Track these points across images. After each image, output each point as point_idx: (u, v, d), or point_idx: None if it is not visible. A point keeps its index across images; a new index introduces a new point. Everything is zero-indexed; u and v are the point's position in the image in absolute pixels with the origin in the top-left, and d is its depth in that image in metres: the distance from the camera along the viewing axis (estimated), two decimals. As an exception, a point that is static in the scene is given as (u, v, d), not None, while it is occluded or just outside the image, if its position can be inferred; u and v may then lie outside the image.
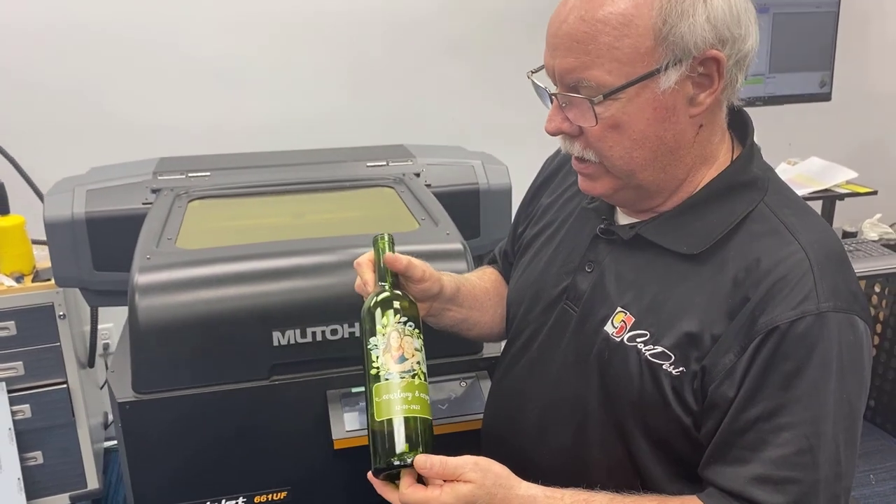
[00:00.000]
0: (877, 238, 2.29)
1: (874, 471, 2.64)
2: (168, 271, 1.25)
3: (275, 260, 1.28)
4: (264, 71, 2.55)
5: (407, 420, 0.85)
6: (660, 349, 0.87)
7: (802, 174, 2.38)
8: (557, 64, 0.86)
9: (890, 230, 2.36)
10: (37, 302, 2.04)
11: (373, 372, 0.89)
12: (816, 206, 2.43)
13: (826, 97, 2.47)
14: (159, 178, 1.75)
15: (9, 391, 2.05)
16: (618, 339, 0.91)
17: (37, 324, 2.04)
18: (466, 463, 0.82)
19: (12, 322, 2.02)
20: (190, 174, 1.76)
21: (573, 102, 0.86)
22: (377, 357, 0.89)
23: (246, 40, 2.51)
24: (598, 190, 0.93)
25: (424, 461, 0.81)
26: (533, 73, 0.95)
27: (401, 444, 0.84)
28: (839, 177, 2.33)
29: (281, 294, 1.24)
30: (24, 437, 2.09)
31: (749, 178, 0.91)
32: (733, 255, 0.86)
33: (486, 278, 1.20)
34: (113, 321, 2.57)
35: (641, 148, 0.86)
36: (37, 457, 2.13)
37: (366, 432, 1.20)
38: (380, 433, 0.86)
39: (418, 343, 0.91)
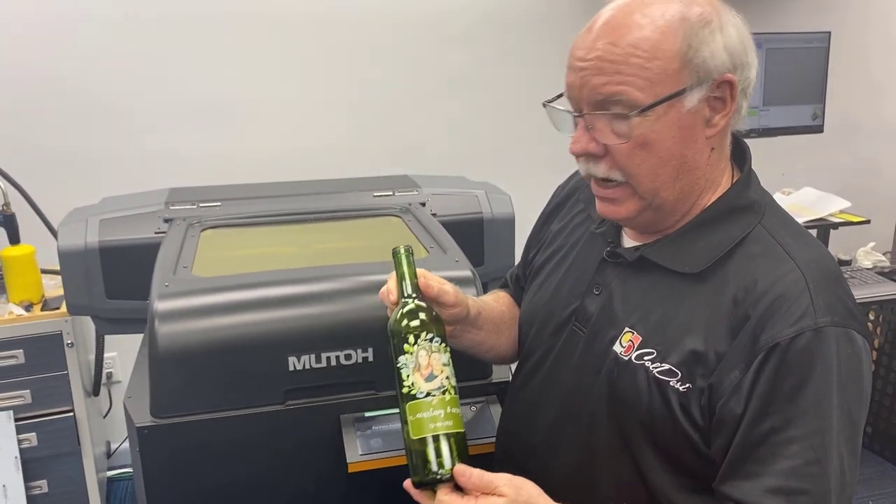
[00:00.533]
0: (871, 266, 2.35)
1: (873, 497, 2.66)
2: (186, 298, 1.28)
3: (289, 287, 1.31)
4: (272, 105, 2.61)
5: (442, 437, 0.90)
6: (667, 366, 0.91)
7: (797, 204, 2.44)
8: (587, 86, 0.90)
9: (883, 258, 2.41)
10: (46, 330, 2.07)
11: (405, 391, 0.93)
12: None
13: (818, 129, 2.55)
14: (171, 207, 1.78)
15: (16, 419, 2.06)
16: (626, 358, 0.95)
17: (45, 352, 2.07)
18: (502, 478, 0.86)
19: (21, 350, 2.05)
20: (201, 204, 1.80)
21: (602, 122, 0.90)
22: (407, 376, 0.93)
23: (254, 75, 2.58)
24: (621, 213, 0.96)
25: (463, 471, 0.86)
26: (548, 103, 0.98)
27: (438, 461, 0.89)
28: (833, 206, 2.39)
29: (296, 320, 1.27)
30: (30, 466, 2.10)
31: (747, 202, 0.96)
32: (732, 274, 0.91)
33: (500, 302, 1.24)
34: (116, 350, 2.59)
35: (666, 166, 0.91)
36: (42, 485, 2.14)
37: (380, 456, 1.24)
38: (417, 451, 0.91)
39: (445, 357, 0.95)
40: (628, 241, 1.03)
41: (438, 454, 0.89)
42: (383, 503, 1.25)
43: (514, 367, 1.24)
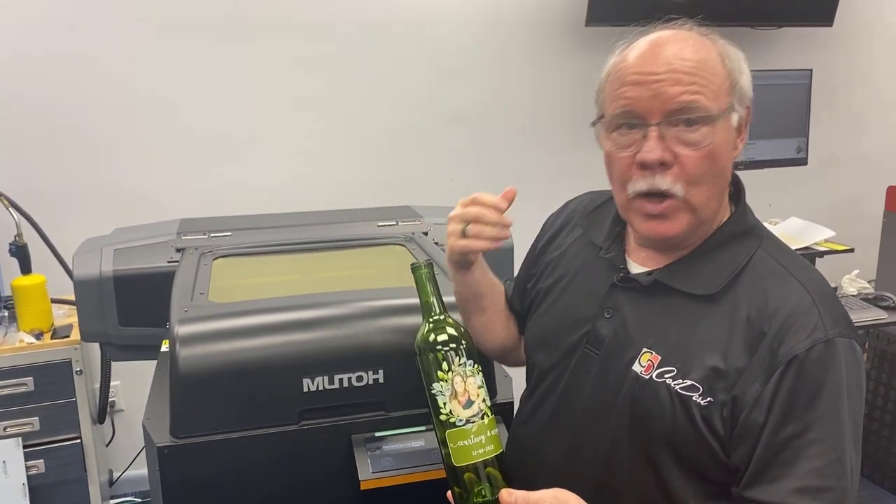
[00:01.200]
0: (856, 293, 2.43)
1: (864, 520, 2.71)
2: (205, 323, 1.33)
3: (304, 312, 1.37)
4: (279, 139, 2.69)
5: (486, 463, 0.95)
6: (689, 382, 0.97)
7: (783, 234, 2.53)
8: (663, 95, 0.96)
9: (868, 285, 2.50)
10: (55, 358, 2.11)
11: (443, 418, 0.97)
12: (798, 263, 2.58)
13: (803, 161, 2.65)
14: (183, 237, 1.84)
15: (24, 446, 2.09)
16: (647, 377, 1.00)
17: (54, 380, 2.11)
18: (546, 495, 0.92)
19: (31, 378, 2.09)
20: (212, 234, 1.86)
21: (675, 131, 0.96)
22: (444, 403, 0.97)
23: (262, 112, 2.67)
24: (674, 230, 1.00)
25: (509, 496, 0.92)
26: (595, 123, 1.05)
27: (484, 486, 0.95)
28: (818, 235, 2.48)
29: (311, 343, 1.33)
30: (37, 493, 2.13)
31: (748, 227, 1.04)
32: (742, 295, 0.98)
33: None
34: (120, 379, 2.63)
35: (720, 177, 1.00)
36: (48, 512, 2.16)
37: (391, 474, 1.29)
38: (462, 478, 0.96)
39: (480, 380, 0.99)
40: (635, 267, 1.09)
41: (484, 479, 0.95)
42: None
43: (514, 390, 1.30)
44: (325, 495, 1.32)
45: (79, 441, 2.16)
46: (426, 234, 1.90)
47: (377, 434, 1.35)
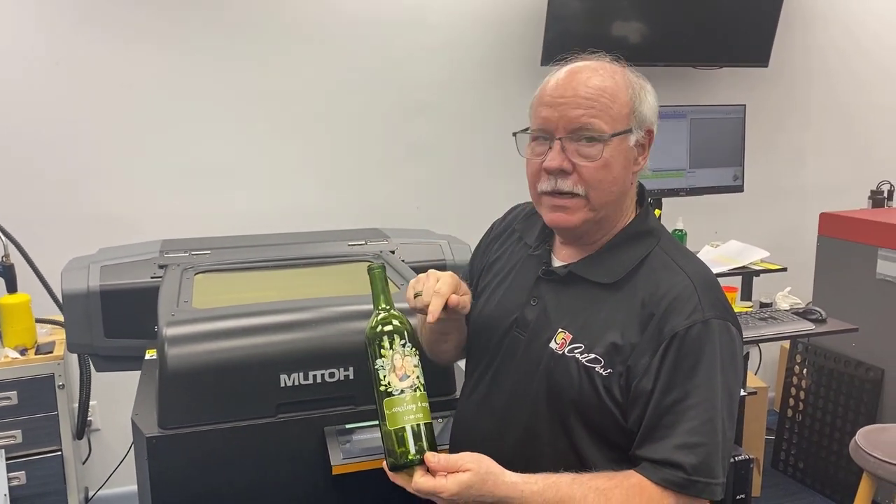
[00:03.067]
0: (788, 308, 2.64)
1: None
2: (191, 325, 1.47)
3: (281, 315, 1.51)
4: (255, 169, 2.85)
5: (414, 426, 1.10)
6: (593, 356, 1.15)
7: (723, 255, 2.74)
8: (565, 116, 1.15)
9: (799, 300, 2.70)
10: (39, 373, 2.20)
11: (381, 388, 1.12)
12: (736, 280, 2.79)
13: (739, 189, 2.88)
14: (165, 255, 1.97)
15: (6, 458, 2.18)
16: (560, 353, 1.18)
17: (37, 393, 2.20)
18: (465, 456, 1.07)
19: (14, 392, 2.18)
20: (193, 252, 2.00)
21: (574, 145, 1.15)
22: (384, 376, 1.13)
23: (239, 142, 2.83)
24: (572, 221, 1.19)
25: (433, 458, 1.06)
26: (517, 133, 1.24)
27: (411, 447, 1.09)
28: (754, 256, 2.69)
29: (287, 343, 1.47)
30: (18, 504, 2.20)
31: (648, 228, 1.24)
32: (640, 283, 1.17)
33: None
34: (97, 399, 2.72)
35: (615, 185, 1.18)
36: (28, 524, 2.24)
37: (360, 460, 1.43)
38: (394, 440, 1.10)
39: (416, 360, 1.15)
40: (557, 262, 1.28)
41: (413, 441, 1.09)
42: (364, 502, 1.45)
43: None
44: (300, 480, 1.45)
45: (59, 454, 2.24)
46: (393, 252, 2.06)
47: (348, 426, 1.49)
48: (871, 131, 3.82)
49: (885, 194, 3.37)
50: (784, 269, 2.70)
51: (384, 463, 1.13)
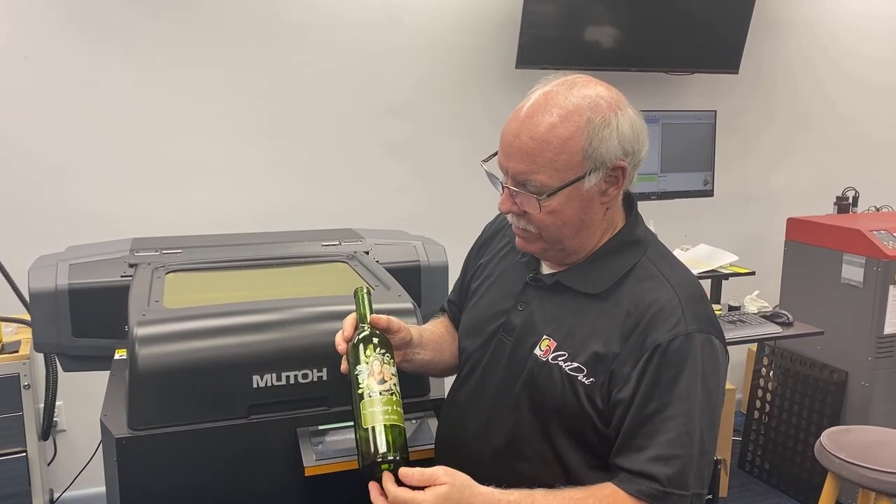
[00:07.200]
0: (756, 311, 2.68)
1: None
2: (162, 325, 1.45)
3: (254, 315, 1.50)
4: (229, 168, 2.83)
5: (387, 427, 1.10)
6: (576, 364, 1.16)
7: (693, 258, 2.78)
8: (511, 167, 1.15)
9: (766, 304, 2.75)
10: (3, 373, 2.16)
11: (360, 392, 1.14)
12: (706, 284, 2.83)
13: (709, 193, 2.92)
14: (136, 254, 1.95)
15: (-31, 460, 2.14)
16: (544, 360, 1.19)
17: (2, 393, 2.16)
18: (438, 470, 1.07)
19: (-22, 392, 2.13)
20: (164, 251, 1.97)
21: (521, 194, 1.15)
22: (363, 380, 1.14)
23: (212, 141, 2.80)
24: (532, 249, 1.22)
25: (406, 472, 1.06)
26: (485, 161, 1.24)
27: (383, 446, 1.09)
28: (723, 259, 2.74)
29: (260, 343, 1.46)
30: (-20, 506, 2.16)
31: (635, 238, 1.23)
32: (625, 294, 1.17)
33: (439, 325, 1.48)
34: (63, 400, 2.67)
35: (568, 226, 1.17)
36: (-10, 526, 2.19)
37: (332, 461, 1.43)
38: (367, 438, 1.11)
39: (394, 370, 1.17)
40: (546, 269, 1.29)
41: (384, 440, 1.10)
42: (336, 503, 1.44)
43: (445, 388, 1.46)
44: (272, 481, 1.44)
45: (24, 455, 2.20)
46: (368, 252, 2.05)
47: (320, 427, 1.48)
48: (836, 139, 3.91)
49: (850, 200, 3.45)
50: (752, 273, 2.75)
51: (358, 465, 1.13)
